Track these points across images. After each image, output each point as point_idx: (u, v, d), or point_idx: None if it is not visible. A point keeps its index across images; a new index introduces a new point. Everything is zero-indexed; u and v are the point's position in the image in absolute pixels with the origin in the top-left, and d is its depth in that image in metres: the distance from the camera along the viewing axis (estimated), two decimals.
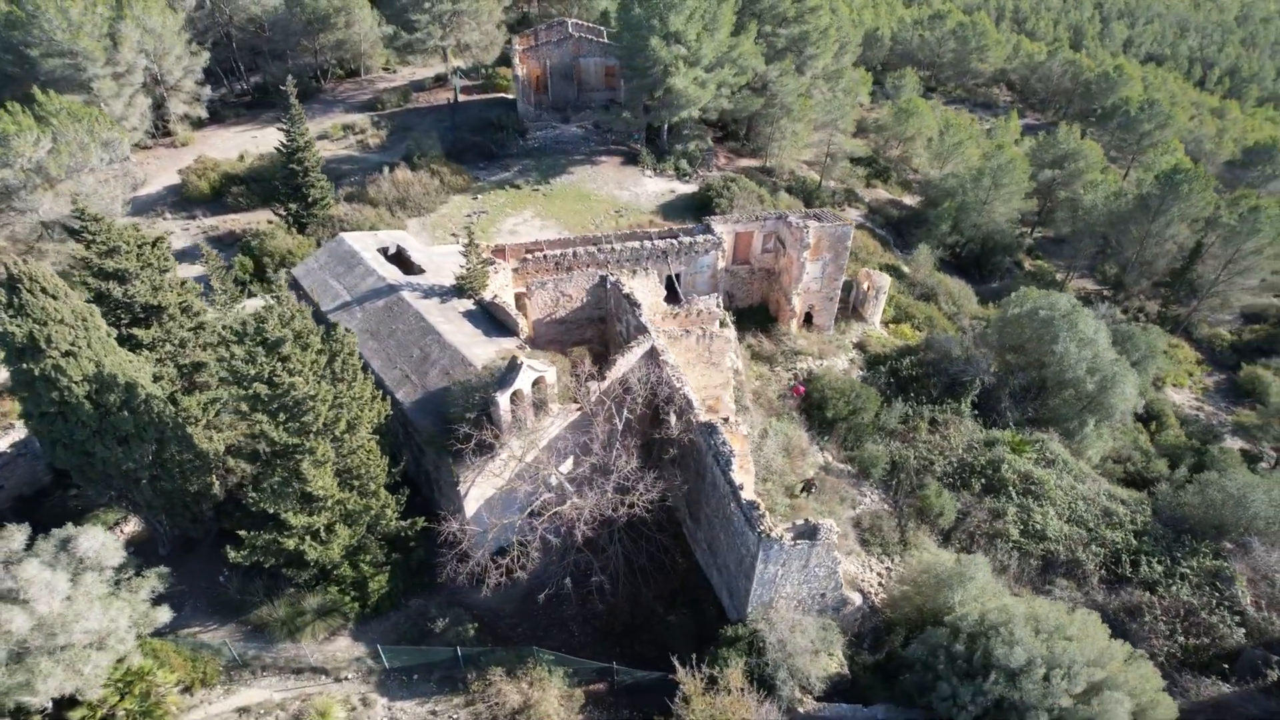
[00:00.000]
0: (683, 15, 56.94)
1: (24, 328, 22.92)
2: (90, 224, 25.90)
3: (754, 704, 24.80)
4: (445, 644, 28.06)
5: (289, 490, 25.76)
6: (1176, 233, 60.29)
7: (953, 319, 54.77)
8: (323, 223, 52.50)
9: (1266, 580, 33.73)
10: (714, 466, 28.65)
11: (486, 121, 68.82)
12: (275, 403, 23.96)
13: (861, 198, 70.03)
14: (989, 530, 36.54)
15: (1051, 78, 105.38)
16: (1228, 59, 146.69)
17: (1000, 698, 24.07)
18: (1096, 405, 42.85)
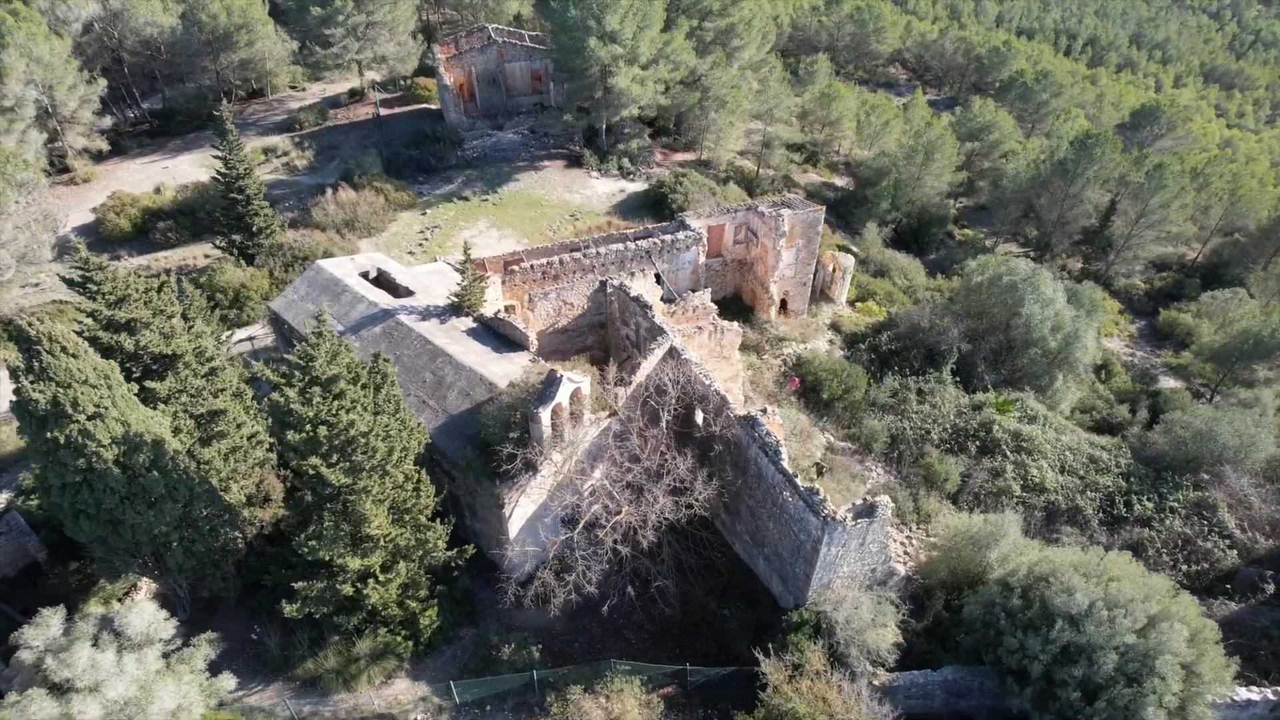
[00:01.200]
0: (618, 14, 56.93)
1: (47, 393, 20.95)
2: (95, 273, 23.85)
3: (840, 683, 25.31)
4: (515, 670, 27.41)
5: (341, 533, 24.57)
6: (1092, 194, 64.62)
7: (908, 292, 57.02)
8: (271, 252, 49.90)
9: (1243, 504, 36.80)
10: (760, 458, 29.01)
11: (419, 134, 66.93)
12: (331, 443, 22.79)
13: (797, 183, 71.86)
14: (992, 489, 38.40)
15: (945, 55, 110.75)
16: (1087, 30, 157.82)
17: (1067, 643, 25.40)
18: (1061, 360, 45.56)
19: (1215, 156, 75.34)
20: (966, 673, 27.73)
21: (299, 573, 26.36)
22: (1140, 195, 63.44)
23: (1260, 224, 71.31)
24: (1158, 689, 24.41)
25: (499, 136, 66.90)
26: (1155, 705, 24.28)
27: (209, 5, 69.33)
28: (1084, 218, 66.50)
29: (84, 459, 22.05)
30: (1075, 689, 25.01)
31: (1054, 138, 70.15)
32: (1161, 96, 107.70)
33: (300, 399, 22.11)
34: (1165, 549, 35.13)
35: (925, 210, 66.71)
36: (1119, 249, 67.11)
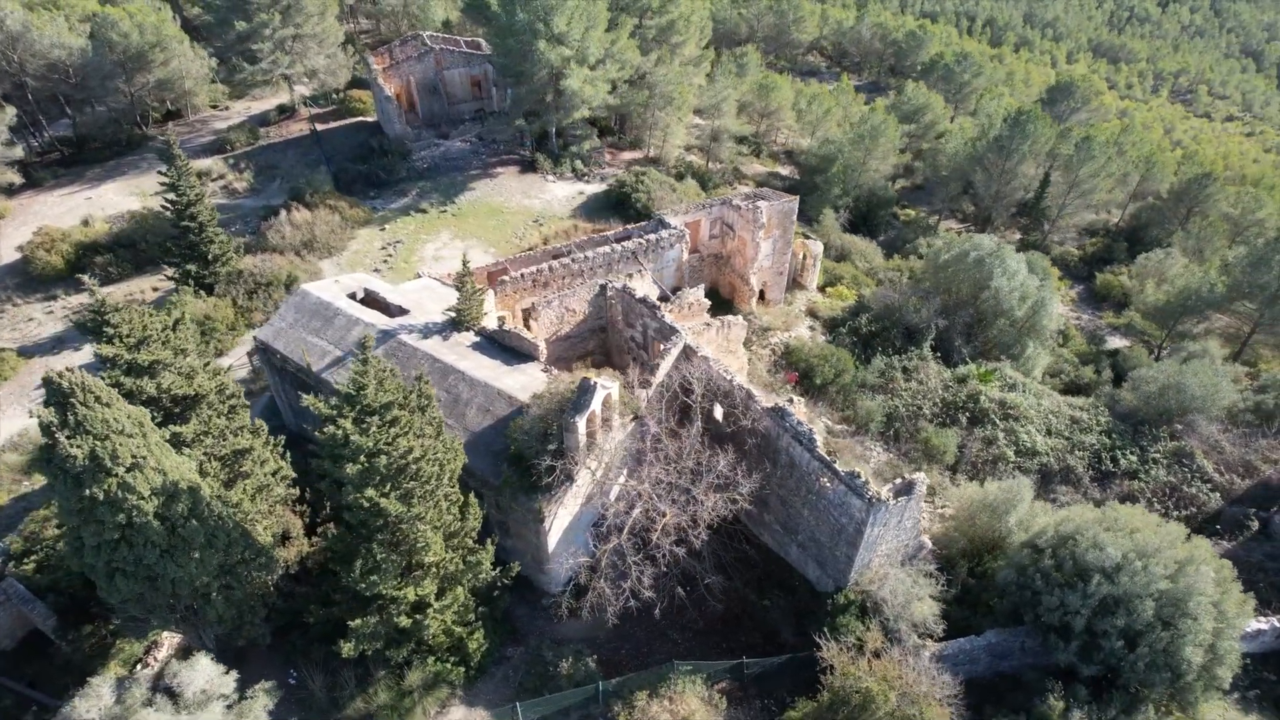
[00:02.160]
0: (565, 15, 56.54)
1: (85, 447, 19.56)
2: (111, 315, 22.32)
3: (904, 657, 25.96)
4: (574, 683, 27.08)
5: (394, 564, 23.79)
6: (1027, 168, 67.75)
7: (870, 274, 58.61)
8: (231, 280, 47.71)
9: (1216, 449, 39.36)
10: (792, 447, 29.41)
11: (362, 148, 64.96)
12: (386, 473, 22.03)
13: (746, 174, 72.90)
14: (987, 457, 39.94)
15: (862, 41, 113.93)
16: (985, 11, 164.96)
17: (1105, 596, 26.70)
18: (1029, 328, 47.72)
19: (1127, 126, 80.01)
20: (1007, 634, 28.81)
21: (346, 610, 25.44)
22: (1070, 167, 66.89)
23: (1171, 188, 76.03)
24: (1193, 629, 25.93)
25: (447, 146, 65.54)
26: (1193, 644, 25.79)
27: (119, 24, 65.65)
28: (1020, 191, 69.62)
29: (123, 514, 20.69)
30: (1117, 638, 26.32)
31: (982, 115, 73.20)
32: (1074, 72, 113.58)
33: (357, 430, 21.26)
34: (1155, 498, 37.30)
35: (873, 194, 68.64)
36: (1053, 219, 70.56)
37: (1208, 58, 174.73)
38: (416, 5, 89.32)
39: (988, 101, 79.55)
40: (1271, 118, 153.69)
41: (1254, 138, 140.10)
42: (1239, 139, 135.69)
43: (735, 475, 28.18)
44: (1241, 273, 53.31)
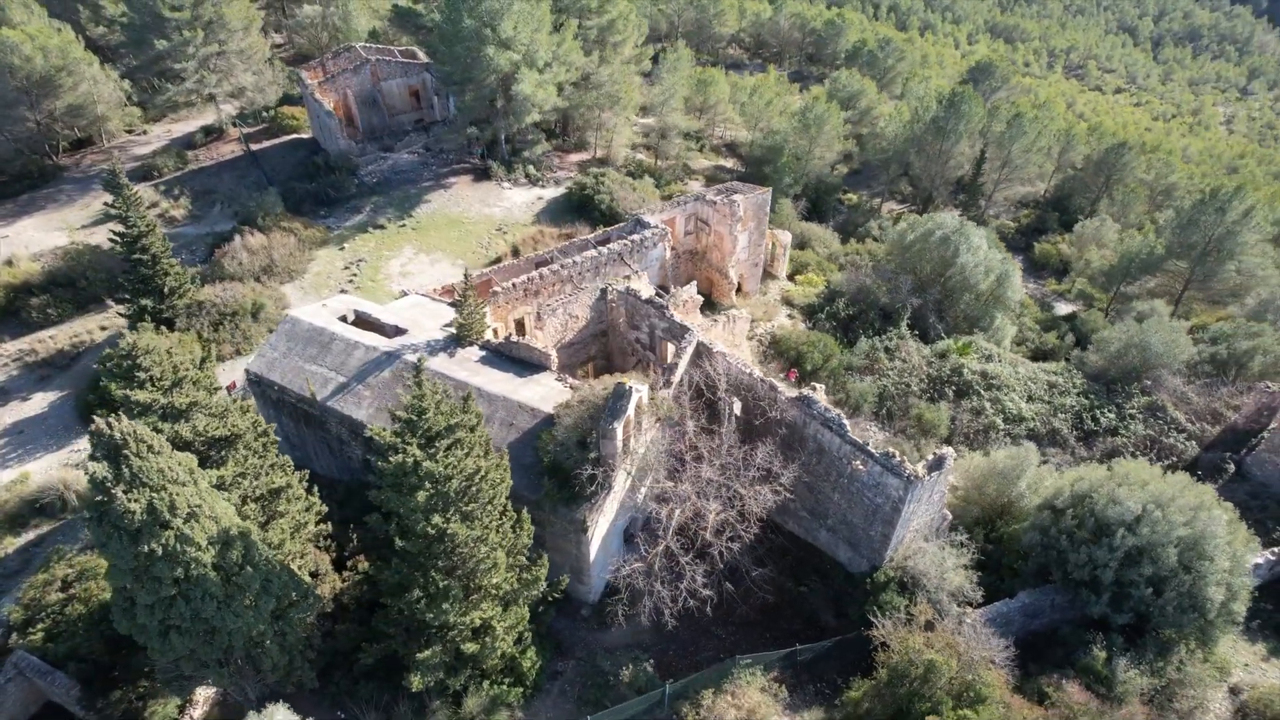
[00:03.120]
0: (512, 19, 55.86)
1: (143, 500, 18.35)
2: (142, 357, 20.94)
3: (954, 627, 26.80)
4: (636, 690, 26.94)
5: (457, 589, 23.18)
6: (964, 147, 70.48)
7: (831, 259, 59.98)
8: (192, 313, 45.34)
9: (1184, 400, 41.95)
10: (822, 433, 29.93)
11: (305, 166, 62.53)
12: (454, 496, 21.43)
13: (694, 170, 73.50)
14: (977, 426, 41.49)
15: (781, 31, 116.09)
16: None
17: (1130, 548, 28.17)
18: (995, 300, 49.75)
19: (1045, 102, 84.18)
20: (1038, 594, 30.08)
21: (403, 643, 24.65)
22: (1004, 143, 69.92)
23: (1089, 158, 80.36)
24: (1212, 570, 27.65)
25: (394, 158, 63.82)
26: (1214, 584, 27.50)
27: (20, 47, 61.37)
28: (957, 169, 72.37)
29: (181, 567, 19.54)
30: (1145, 586, 27.83)
31: (911, 99, 75.75)
32: (978, 52, 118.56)
33: (427, 456, 20.59)
34: (1138, 451, 39.50)
35: (820, 181, 70.23)
36: (989, 195, 73.66)
37: (1092, 34, 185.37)
38: (337, 17, 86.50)
39: (916, 85, 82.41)
40: (1154, 88, 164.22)
41: (1142, 107, 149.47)
42: (1129, 109, 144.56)
43: (775, 465, 28.46)
44: (1172, 234, 56.88)
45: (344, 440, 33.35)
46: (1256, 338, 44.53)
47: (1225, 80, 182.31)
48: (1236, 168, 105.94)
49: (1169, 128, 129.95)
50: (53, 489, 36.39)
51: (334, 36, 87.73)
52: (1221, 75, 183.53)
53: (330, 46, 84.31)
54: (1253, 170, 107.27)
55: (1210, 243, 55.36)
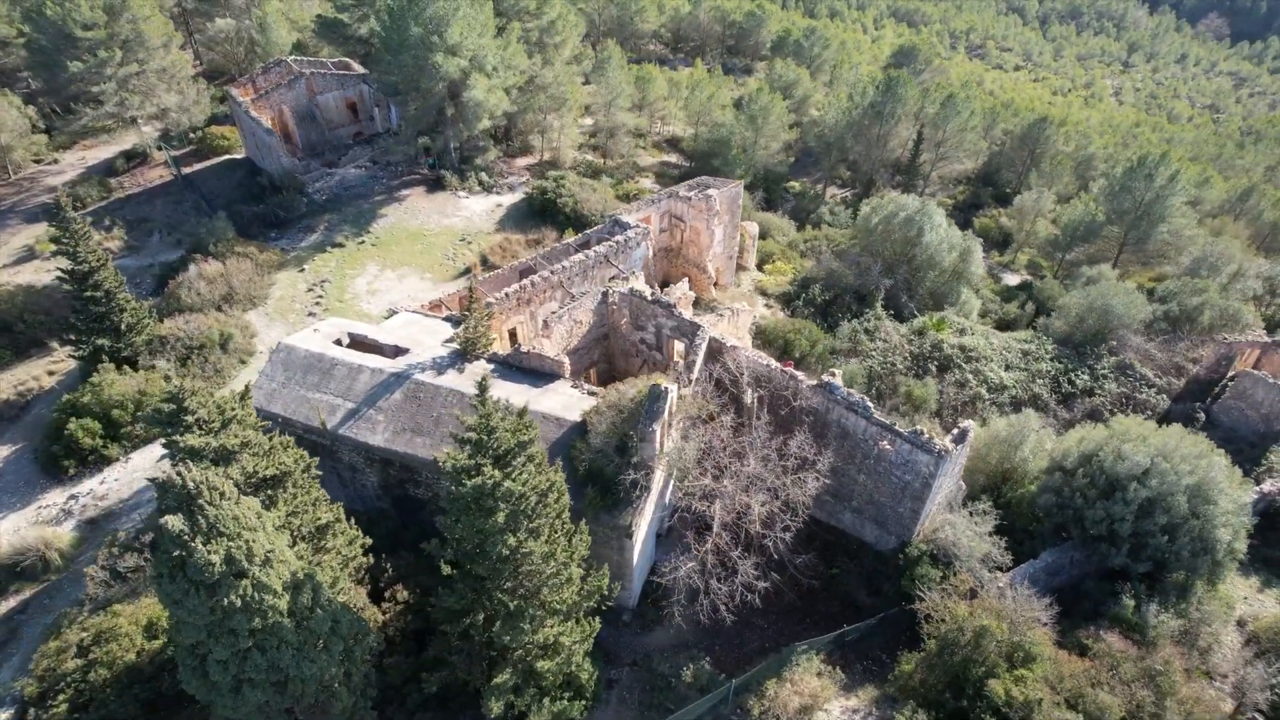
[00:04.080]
0: (459, 26, 54.76)
1: (221, 550, 17.34)
2: (189, 399, 19.67)
3: (998, 593, 27.80)
4: (698, 689, 26.99)
5: (529, 607, 22.75)
6: (900, 130, 72.78)
7: (791, 247, 61.06)
8: (154, 349, 42.95)
9: (1148, 357, 44.46)
10: (846, 417, 30.56)
11: (246, 187, 59.78)
12: (530, 514, 21.02)
13: (642, 167, 73.61)
14: (964, 398, 43.04)
15: (701, 25, 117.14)
16: None
17: (1144, 499, 29.76)
18: (959, 275, 51.62)
19: (968, 82, 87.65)
20: (1058, 552, 31.49)
21: (466, 669, 24.03)
22: (938, 124, 72.50)
23: (1012, 134, 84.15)
24: (1217, 513, 29.49)
25: (341, 173, 61.72)
26: (1222, 526, 29.35)
27: None
28: (896, 151, 74.65)
29: (258, 617, 18.57)
30: (1160, 534, 29.47)
31: (842, 85, 77.78)
32: (899, 37, 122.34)
33: (505, 475, 20.09)
34: (1115, 408, 41.72)
35: (769, 171, 71.37)
36: (927, 175, 76.29)
37: (987, 15, 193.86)
38: (254, 30, 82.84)
39: (846, 71, 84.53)
40: (1048, 64, 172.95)
41: (1040, 83, 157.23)
42: (1030, 85, 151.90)
43: (808, 453, 28.90)
44: (1106, 201, 60.16)
45: (356, 469, 32.22)
46: (1202, 293, 47.62)
47: (1109, 55, 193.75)
48: (1136, 135, 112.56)
49: (1068, 101, 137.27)
50: (31, 550, 33.88)
51: (250, 51, 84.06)
52: (1105, 50, 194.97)
53: (247, 61, 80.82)
54: (1148, 137, 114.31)
55: (1141, 207, 58.81)
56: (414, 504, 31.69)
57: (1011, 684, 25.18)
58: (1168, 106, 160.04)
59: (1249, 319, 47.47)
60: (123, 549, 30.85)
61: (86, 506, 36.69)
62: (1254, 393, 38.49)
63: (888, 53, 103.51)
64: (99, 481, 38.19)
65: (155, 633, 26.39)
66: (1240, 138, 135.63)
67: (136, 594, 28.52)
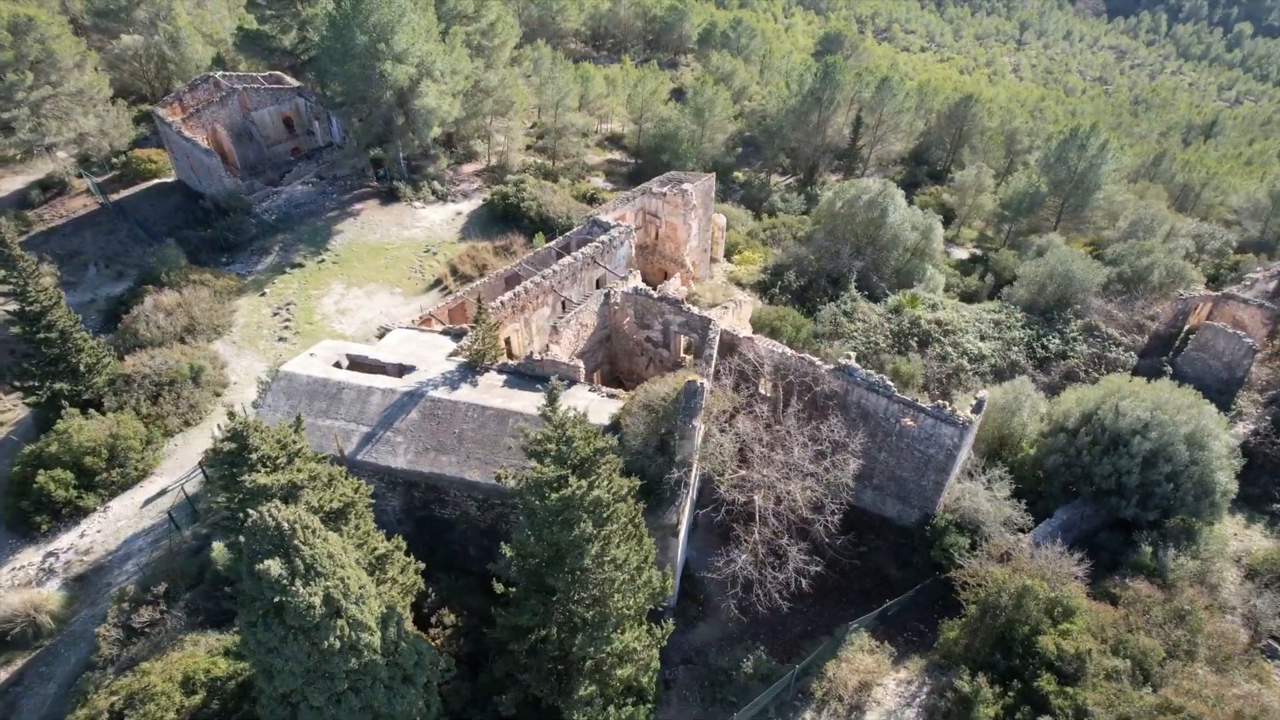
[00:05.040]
0: (406, 32, 53.29)
1: (320, 590, 16.52)
2: (252, 436, 18.54)
3: (1032, 554, 28.91)
4: (760, 678, 27.18)
5: (609, 616, 22.49)
6: (840, 115, 74.53)
7: (752, 235, 61.88)
8: (119, 389, 40.44)
9: (1111, 318, 46.89)
10: (866, 397, 31.22)
11: (196, 211, 56.47)
12: (615, 521, 20.76)
13: (590, 166, 73.27)
14: (946, 370, 44.48)
15: (622, 21, 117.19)
16: None
17: (1146, 451, 31.43)
18: (921, 253, 53.29)
19: (894, 64, 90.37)
20: (1070, 509, 32.94)
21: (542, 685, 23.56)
22: (874, 107, 74.57)
23: (939, 112, 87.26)
24: (1214, 458, 31.41)
25: (287, 191, 59.27)
26: (1219, 470, 31.27)
27: None
28: (836, 136, 76.41)
29: (355, 657, 17.79)
30: (1166, 482, 31.18)
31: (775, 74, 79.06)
32: (809, 24, 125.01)
33: (589, 484, 19.74)
34: (1089, 368, 43.86)
35: (716, 163, 72.03)
36: (866, 157, 78.41)
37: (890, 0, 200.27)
38: (165, 45, 78.54)
39: (778, 60, 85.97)
40: (950, 44, 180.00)
41: (946, 63, 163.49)
42: (938, 65, 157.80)
43: (839, 435, 29.41)
44: (1044, 172, 63.10)
45: (377, 494, 30.77)
46: (1150, 254, 50.54)
47: (1003, 34, 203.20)
48: (1042, 110, 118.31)
49: (975, 80, 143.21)
50: (19, 616, 31.47)
51: (161, 68, 79.68)
52: (1000, 29, 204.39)
53: (159, 79, 76.71)
54: (1054, 110, 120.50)
55: (1075, 177, 61.95)
56: (439, 525, 30.87)
57: (1059, 638, 26.27)
58: (1063, 80, 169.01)
59: (1193, 275, 50.70)
60: (134, 603, 28.97)
61: (71, 563, 34.30)
62: (1215, 343, 41.12)
63: (812, 40, 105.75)
64: (78, 535, 35.77)
65: (193, 688, 24.89)
66: (1132, 107, 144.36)
67: (160, 649, 26.84)
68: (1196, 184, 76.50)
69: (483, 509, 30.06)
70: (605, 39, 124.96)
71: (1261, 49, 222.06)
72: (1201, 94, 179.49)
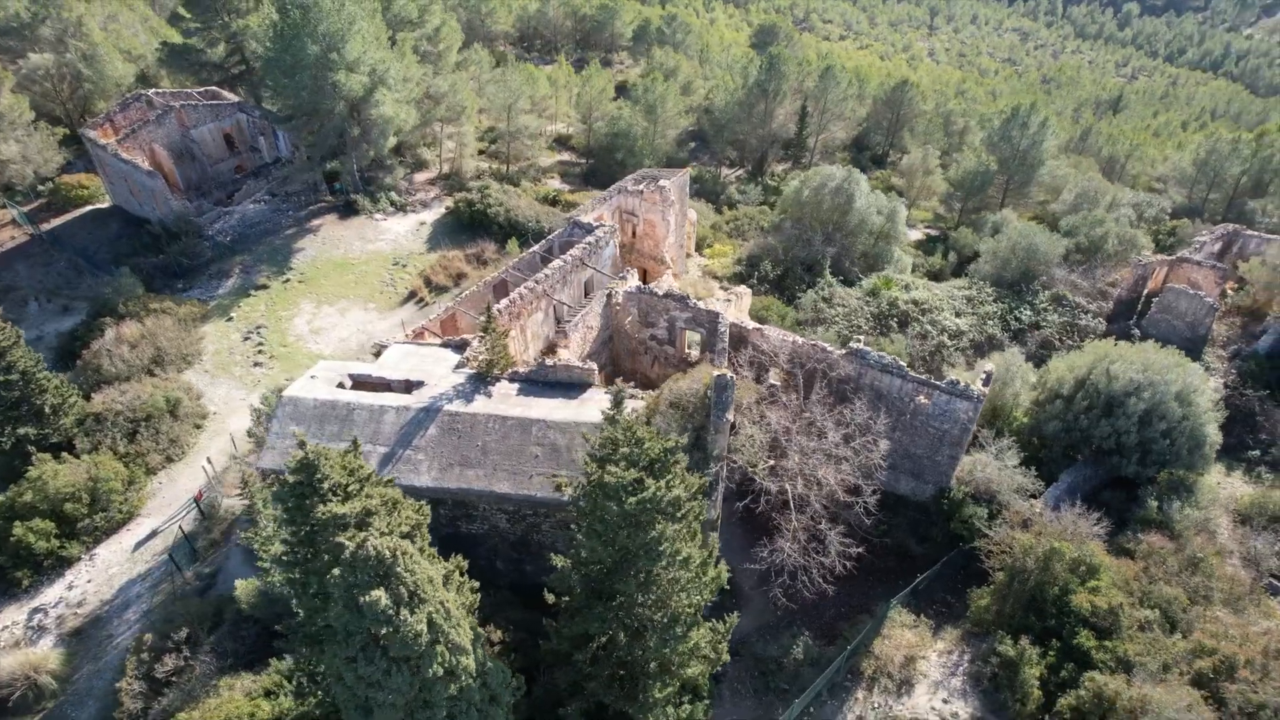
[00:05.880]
0: (358, 40, 51.77)
1: (424, 617, 15.97)
2: (323, 464, 17.68)
3: (1054, 518, 30.00)
4: (812, 664, 27.50)
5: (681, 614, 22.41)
6: (785, 104, 75.68)
7: (715, 229, 62.33)
8: (90, 430, 38.23)
9: (1075, 287, 48.96)
10: (880, 379, 31.87)
11: (144, 237, 53.49)
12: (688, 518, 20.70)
13: (543, 168, 72.64)
14: (929, 348, 45.73)
15: (551, 21, 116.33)
16: None
17: (1142, 411, 32.98)
18: (887, 236, 54.62)
19: (829, 53, 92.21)
20: (1073, 472, 34.32)
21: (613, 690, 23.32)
22: (819, 96, 76.03)
23: (877, 97, 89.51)
24: (1202, 412, 33.19)
25: (240, 211, 56.87)
26: (1209, 422, 33.06)
27: None
28: (782, 127, 77.56)
29: (455, 683, 17.30)
30: (1163, 439, 32.80)
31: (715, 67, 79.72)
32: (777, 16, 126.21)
33: (666, 485, 19.59)
34: (1063, 336, 45.71)
35: (670, 158, 72.29)
36: (813, 146, 79.87)
37: None
38: (82, 64, 74.27)
39: (717, 54, 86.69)
40: (867, 31, 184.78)
41: (865, 50, 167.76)
42: (858, 52, 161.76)
43: (865, 418, 29.95)
44: (990, 151, 65.44)
45: None
46: (1102, 224, 52.99)
47: (915, 19, 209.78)
48: (964, 91, 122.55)
49: (895, 65, 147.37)
50: (17, 680, 29.47)
51: (76, 89, 75.34)
52: (911, 15, 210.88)
53: (74, 101, 72.48)
54: (975, 92, 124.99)
55: (1019, 154, 64.43)
56: (466, 542, 30.12)
57: (1090, 596, 27.36)
58: (976, 63, 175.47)
59: (1144, 242, 53.40)
60: (155, 652, 27.44)
61: (64, 618, 32.29)
62: (1178, 304, 43.42)
63: (742, 34, 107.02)
64: (66, 587, 33.69)
65: None
66: (1044, 86, 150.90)
67: (194, 697, 25.50)
68: (1121, 155, 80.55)
69: (512, 521, 29.55)
70: (534, 40, 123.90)
71: (1149, 27, 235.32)
72: (1101, 71, 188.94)
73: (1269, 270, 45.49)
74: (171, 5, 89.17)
